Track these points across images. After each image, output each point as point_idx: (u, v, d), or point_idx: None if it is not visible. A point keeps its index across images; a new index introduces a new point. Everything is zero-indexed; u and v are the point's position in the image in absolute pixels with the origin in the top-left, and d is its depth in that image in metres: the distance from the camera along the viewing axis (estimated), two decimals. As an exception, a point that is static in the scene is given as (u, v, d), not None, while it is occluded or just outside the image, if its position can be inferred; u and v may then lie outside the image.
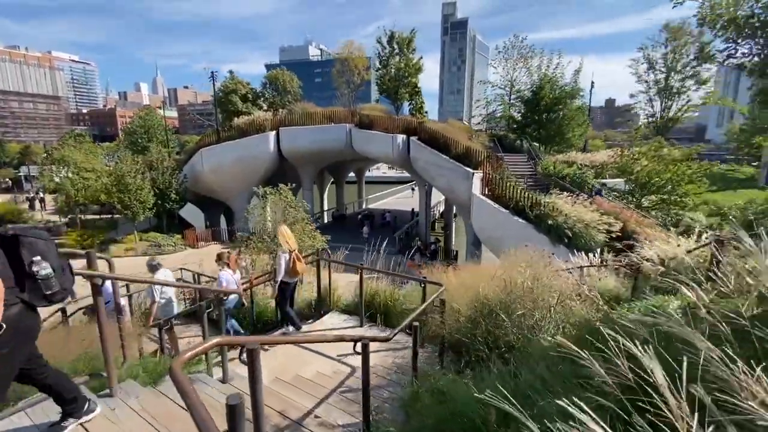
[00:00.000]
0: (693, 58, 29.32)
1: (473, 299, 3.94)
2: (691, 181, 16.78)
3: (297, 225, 9.38)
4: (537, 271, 4.10)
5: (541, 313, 3.61)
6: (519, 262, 5.25)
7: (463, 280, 4.95)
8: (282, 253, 5.40)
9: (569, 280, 4.45)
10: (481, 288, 3.92)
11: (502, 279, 3.96)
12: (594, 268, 7.47)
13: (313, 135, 25.79)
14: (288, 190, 9.58)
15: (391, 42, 31.41)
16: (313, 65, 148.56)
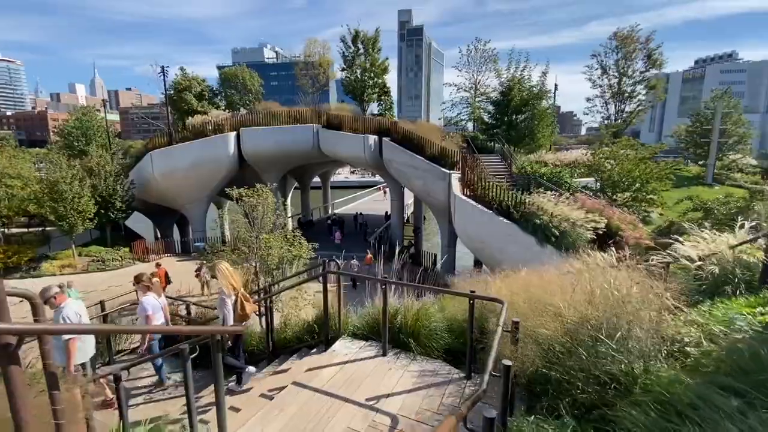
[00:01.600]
0: (642, 64, 31.13)
1: (555, 319, 3.04)
2: (659, 179, 17.33)
3: (278, 232, 8.14)
4: (621, 278, 3.31)
5: (645, 331, 2.78)
6: (586, 264, 4.44)
7: (515, 290, 4.07)
8: (225, 297, 4.33)
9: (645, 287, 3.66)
10: (563, 304, 3.04)
11: (587, 290, 3.10)
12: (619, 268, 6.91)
13: (278, 136, 24.21)
14: (269, 191, 8.29)
15: (356, 41, 30.59)
16: (268, 68, 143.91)
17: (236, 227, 8.01)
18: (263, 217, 7.78)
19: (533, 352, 2.91)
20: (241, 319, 4.42)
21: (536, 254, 13.66)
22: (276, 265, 7.50)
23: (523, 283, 4.31)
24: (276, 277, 7.39)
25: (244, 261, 7.56)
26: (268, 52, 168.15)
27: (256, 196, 7.86)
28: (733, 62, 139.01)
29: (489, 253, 15.08)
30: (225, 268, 4.45)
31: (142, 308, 4.98)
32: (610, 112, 33.63)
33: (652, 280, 3.75)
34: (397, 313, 4.53)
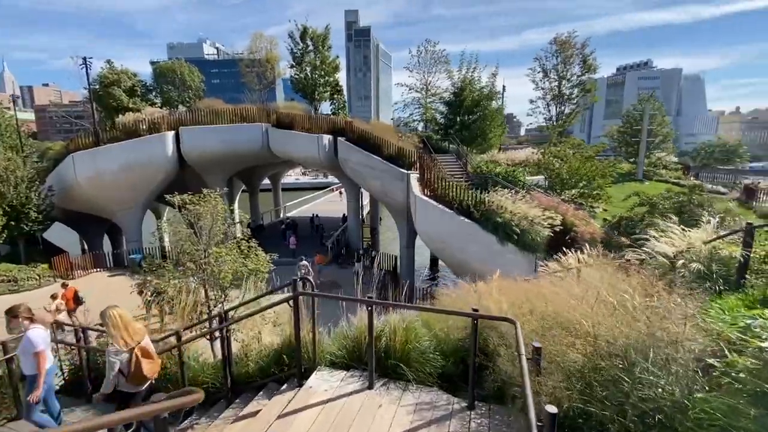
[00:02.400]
0: (579, 68, 33.25)
1: (578, 339, 2.64)
2: (603, 176, 18.37)
3: (230, 242, 7.15)
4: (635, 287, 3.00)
5: (685, 349, 2.46)
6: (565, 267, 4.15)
7: (516, 302, 3.65)
8: (114, 353, 3.48)
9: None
10: (589, 325, 2.64)
11: (608, 301, 2.74)
12: (588, 266, 6.87)
13: (223, 135, 22.49)
14: (218, 197, 7.24)
15: (305, 38, 29.50)
16: (209, 65, 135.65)
17: (179, 239, 6.92)
18: (212, 226, 6.77)
19: (562, 383, 2.47)
20: (136, 381, 3.53)
21: (497, 253, 13.78)
22: (230, 283, 6.56)
23: (523, 294, 3.93)
24: (230, 297, 6.45)
25: (190, 279, 6.52)
26: (208, 48, 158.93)
27: (203, 203, 6.83)
28: (649, 70, 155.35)
29: (450, 252, 14.98)
30: (116, 315, 3.52)
31: (29, 344, 3.95)
32: (551, 113, 35.62)
33: (650, 281, 3.51)
34: (381, 334, 3.95)
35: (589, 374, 2.37)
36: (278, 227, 30.01)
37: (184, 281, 6.50)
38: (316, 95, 29.29)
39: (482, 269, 14.53)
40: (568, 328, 2.78)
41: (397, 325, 3.92)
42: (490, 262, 14.04)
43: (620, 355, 2.41)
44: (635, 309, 2.77)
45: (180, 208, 7.08)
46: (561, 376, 2.52)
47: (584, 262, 7.48)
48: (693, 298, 3.36)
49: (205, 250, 6.57)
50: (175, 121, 22.86)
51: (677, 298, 3.18)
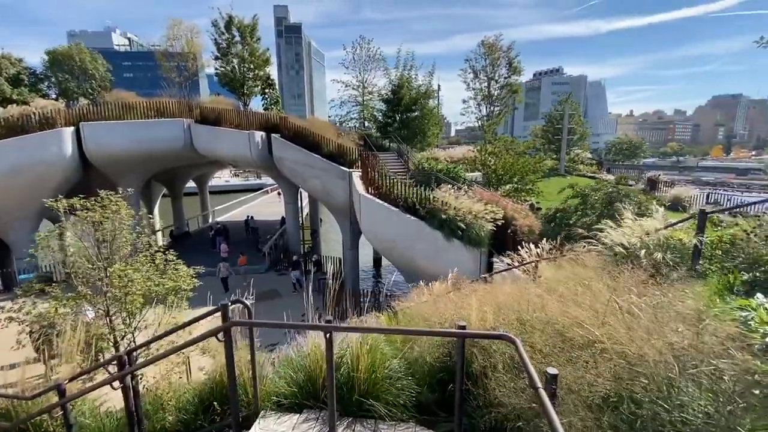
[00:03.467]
0: (506, 70, 35.07)
1: (594, 358, 2.16)
2: (534, 171, 19.30)
3: (142, 256, 5.79)
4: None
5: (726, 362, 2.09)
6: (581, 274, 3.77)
7: (500, 311, 3.13)
8: None
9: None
10: (604, 336, 2.17)
11: (621, 308, 2.31)
12: (546, 261, 6.75)
13: (137, 132, 19.77)
14: (120, 200, 5.80)
15: (230, 28, 27.23)
16: (119, 56, 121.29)
17: (71, 256, 5.41)
18: (114, 238, 5.40)
19: (586, 419, 1.96)
20: None
21: (443, 249, 13.66)
22: (141, 308, 5.26)
23: (502, 298, 3.43)
24: (147, 321, 5.16)
25: (85, 307, 5.10)
26: (118, 39, 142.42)
27: (101, 209, 5.41)
28: (560, 76, 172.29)
29: (398, 252, 14.57)
30: None
31: None
32: (482, 112, 37.20)
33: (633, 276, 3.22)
34: (340, 362, 3.21)
35: (624, 406, 1.87)
36: (207, 233, 27.43)
37: (75, 309, 5.08)
38: (245, 90, 27.20)
39: (429, 267, 14.36)
40: (573, 341, 2.29)
41: (358, 348, 3.20)
42: (436, 258, 13.89)
43: (654, 376, 1.95)
44: (641, 311, 2.36)
45: (69, 213, 5.56)
46: (579, 407, 2.00)
47: (536, 256, 7.43)
48: (676, 290, 3.10)
49: (105, 269, 5.21)
50: (75, 115, 19.58)
51: (667, 292, 2.87)
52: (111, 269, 5.17)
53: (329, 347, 2.71)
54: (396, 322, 5.44)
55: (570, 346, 2.30)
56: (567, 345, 2.32)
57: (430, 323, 3.86)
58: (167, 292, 5.56)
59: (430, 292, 8.25)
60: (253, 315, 3.04)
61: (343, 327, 2.96)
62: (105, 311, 5.09)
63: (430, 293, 7.83)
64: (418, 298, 8.21)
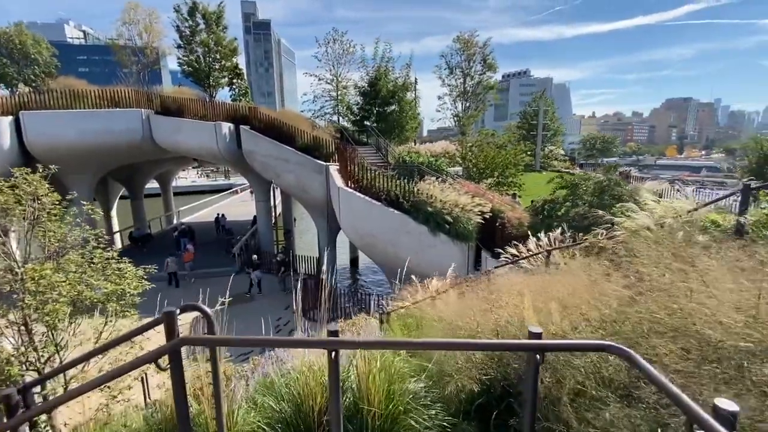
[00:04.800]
0: (481, 67, 34.97)
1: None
2: (515, 165, 18.95)
3: (76, 255, 4.58)
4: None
5: None
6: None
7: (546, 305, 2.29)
8: None
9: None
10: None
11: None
12: (560, 251, 6.05)
13: (87, 123, 17.83)
14: (38, 179, 4.54)
15: (194, 14, 25.43)
16: (73, 50, 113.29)
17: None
18: (32, 230, 4.16)
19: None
20: None
21: (429, 244, 12.91)
22: (69, 319, 4.07)
23: (558, 291, 2.59)
24: (71, 342, 3.97)
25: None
26: (72, 31, 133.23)
27: (9, 190, 4.16)
28: (527, 78, 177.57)
29: (382, 248, 13.67)
30: None
31: None
32: (458, 109, 36.96)
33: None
34: (344, 386, 2.29)
35: None
36: (171, 235, 25.46)
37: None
38: (211, 81, 25.46)
39: (415, 262, 13.45)
40: (721, 351, 1.48)
41: (367, 367, 2.28)
42: (422, 254, 13.10)
43: None
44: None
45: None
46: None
47: (543, 248, 6.75)
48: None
49: (12, 270, 3.96)
50: (14, 103, 17.43)
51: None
52: (21, 269, 3.96)
53: (334, 370, 1.78)
54: (405, 328, 4.53)
55: (719, 358, 1.49)
56: (712, 356, 1.51)
57: (453, 328, 2.98)
58: (105, 297, 4.38)
59: (427, 289, 7.42)
60: (215, 326, 2.07)
61: (356, 342, 2.01)
62: (19, 325, 3.88)
63: (433, 291, 7.00)
64: (413, 297, 7.36)
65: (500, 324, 2.33)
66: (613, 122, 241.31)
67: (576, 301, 2.27)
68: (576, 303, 2.25)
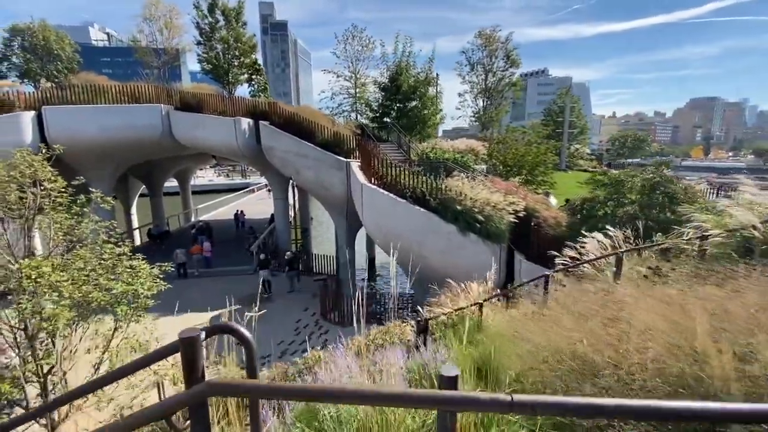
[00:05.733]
0: (504, 63, 33.90)
1: None
2: (544, 162, 17.98)
3: (83, 250, 4.04)
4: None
5: None
6: None
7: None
8: None
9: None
10: None
11: None
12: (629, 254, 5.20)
13: (108, 118, 17.68)
14: (40, 160, 4.04)
15: (214, 10, 25.25)
16: (97, 52, 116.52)
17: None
18: (32, 219, 3.63)
19: None
20: None
21: (458, 244, 12.13)
22: (72, 325, 3.49)
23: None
24: (75, 351, 3.40)
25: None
26: (96, 34, 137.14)
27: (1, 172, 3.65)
28: (545, 77, 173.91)
29: (407, 247, 12.89)
30: None
31: None
32: (479, 106, 35.94)
33: None
34: None
35: None
36: (188, 232, 25.31)
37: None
38: (230, 78, 25.22)
39: (442, 265, 12.76)
40: None
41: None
42: (450, 255, 12.34)
43: None
44: None
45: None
46: None
47: (609, 250, 5.89)
48: None
49: (12, 264, 3.42)
50: (37, 98, 17.41)
51: None
52: (17, 265, 3.41)
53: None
54: (473, 348, 3.78)
55: None
56: None
57: (584, 363, 2.21)
58: (116, 299, 3.80)
59: (468, 295, 6.67)
60: (256, 357, 1.40)
61: (507, 402, 1.16)
62: (16, 330, 3.33)
63: (475, 298, 6.26)
64: (453, 303, 6.62)
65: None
66: (634, 122, 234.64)
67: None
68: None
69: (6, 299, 3.82)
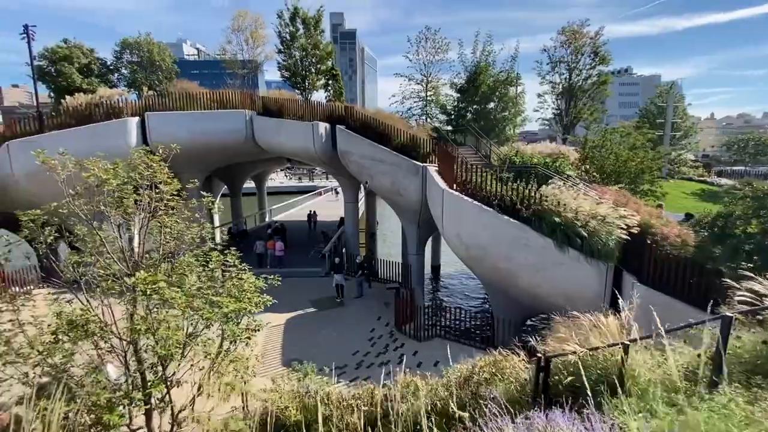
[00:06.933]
0: (590, 60, 30.88)
1: None
2: (650, 169, 15.66)
3: (191, 257, 3.76)
4: None
5: None
6: None
7: None
8: None
9: None
10: None
11: None
12: None
13: (199, 123, 18.87)
14: (160, 163, 3.86)
15: (295, 20, 26.16)
16: (188, 65, 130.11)
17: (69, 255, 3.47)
18: (147, 224, 3.36)
19: None
20: None
21: (554, 262, 10.71)
22: (181, 347, 3.08)
23: None
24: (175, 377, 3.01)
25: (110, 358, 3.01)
26: (188, 49, 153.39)
27: (122, 174, 3.41)
28: (629, 76, 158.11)
29: (492, 261, 11.81)
30: None
31: None
32: (561, 107, 33.16)
33: None
34: None
35: None
36: (264, 232, 26.35)
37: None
38: (306, 84, 25.92)
39: (533, 281, 11.40)
40: None
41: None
42: (544, 272, 10.95)
43: None
44: None
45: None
46: None
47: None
48: None
49: (130, 275, 3.13)
50: (140, 105, 19.14)
51: None
52: (131, 281, 3.11)
53: None
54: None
55: None
56: None
57: None
58: (225, 318, 3.36)
59: (599, 329, 5.45)
60: None
61: None
62: (124, 353, 3.05)
63: (614, 334, 5.06)
64: (584, 340, 5.42)
65: None
66: (738, 124, 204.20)
67: None
68: None
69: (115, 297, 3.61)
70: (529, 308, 13.11)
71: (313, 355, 10.03)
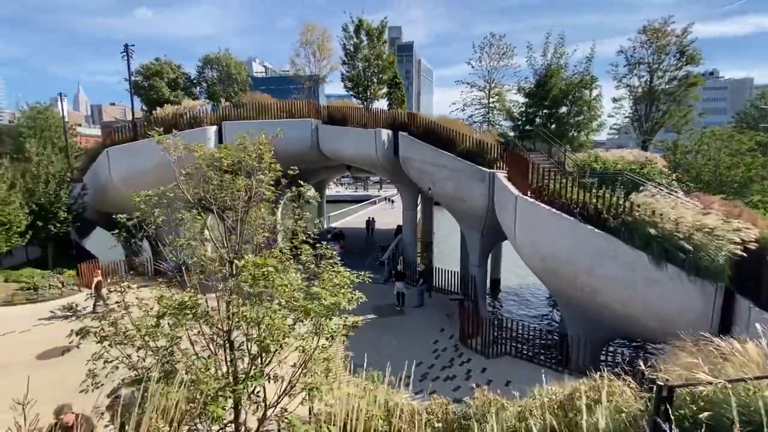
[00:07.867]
0: (675, 60, 28.02)
1: None
2: (760, 178, 13.52)
3: (286, 247, 3.65)
4: None
5: None
6: None
7: None
8: None
9: None
10: None
11: None
12: None
13: (270, 131, 19.78)
14: (267, 145, 3.89)
15: (359, 32, 26.86)
16: (257, 82, 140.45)
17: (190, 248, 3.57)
18: (245, 213, 3.30)
19: None
20: None
21: (647, 279, 9.47)
22: (282, 339, 2.94)
23: None
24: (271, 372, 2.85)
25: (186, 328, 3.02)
26: (257, 67, 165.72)
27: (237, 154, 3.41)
28: (715, 80, 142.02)
29: (571, 275, 10.77)
30: None
31: None
32: (639, 112, 30.39)
33: None
34: None
35: None
36: (324, 237, 27.00)
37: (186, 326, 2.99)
38: (369, 93, 26.37)
39: (620, 299, 10.16)
40: None
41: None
42: (634, 290, 9.73)
43: None
44: None
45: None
46: None
47: None
48: None
49: (231, 262, 3.10)
50: (218, 115, 20.64)
51: None
52: (241, 263, 3.02)
53: None
54: None
55: None
56: None
57: None
58: (326, 311, 3.17)
59: (738, 357, 4.54)
60: None
61: None
62: (224, 341, 2.97)
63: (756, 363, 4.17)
64: (714, 369, 4.54)
65: None
66: None
67: None
68: None
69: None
70: (611, 329, 11.76)
71: (376, 362, 9.75)
